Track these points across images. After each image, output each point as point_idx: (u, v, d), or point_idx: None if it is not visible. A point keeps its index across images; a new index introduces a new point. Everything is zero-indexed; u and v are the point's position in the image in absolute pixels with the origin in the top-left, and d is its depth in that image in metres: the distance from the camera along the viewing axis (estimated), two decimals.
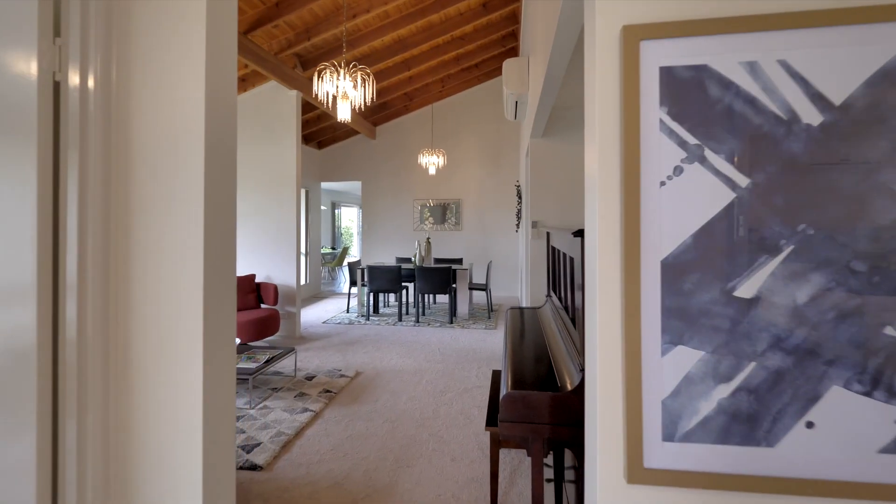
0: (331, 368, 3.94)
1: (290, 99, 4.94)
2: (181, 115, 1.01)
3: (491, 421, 1.89)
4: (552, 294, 2.77)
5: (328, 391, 3.40)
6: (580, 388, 1.45)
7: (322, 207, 12.52)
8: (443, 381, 3.66)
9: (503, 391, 1.57)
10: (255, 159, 5.08)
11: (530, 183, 3.78)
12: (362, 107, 2.98)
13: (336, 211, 14.20)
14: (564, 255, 2.19)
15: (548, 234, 2.94)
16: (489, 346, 4.71)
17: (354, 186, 10.97)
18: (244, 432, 2.73)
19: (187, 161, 1.01)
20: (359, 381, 3.65)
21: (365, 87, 2.97)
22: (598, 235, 0.86)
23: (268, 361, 3.32)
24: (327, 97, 2.85)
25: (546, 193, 3.75)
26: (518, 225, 6.38)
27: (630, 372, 0.83)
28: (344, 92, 2.87)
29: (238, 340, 3.64)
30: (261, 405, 3.14)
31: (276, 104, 4.98)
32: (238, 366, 3.20)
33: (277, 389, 3.44)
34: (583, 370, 1.46)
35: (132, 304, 1.02)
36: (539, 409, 1.48)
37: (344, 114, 2.90)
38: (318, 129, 7.43)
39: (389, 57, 5.49)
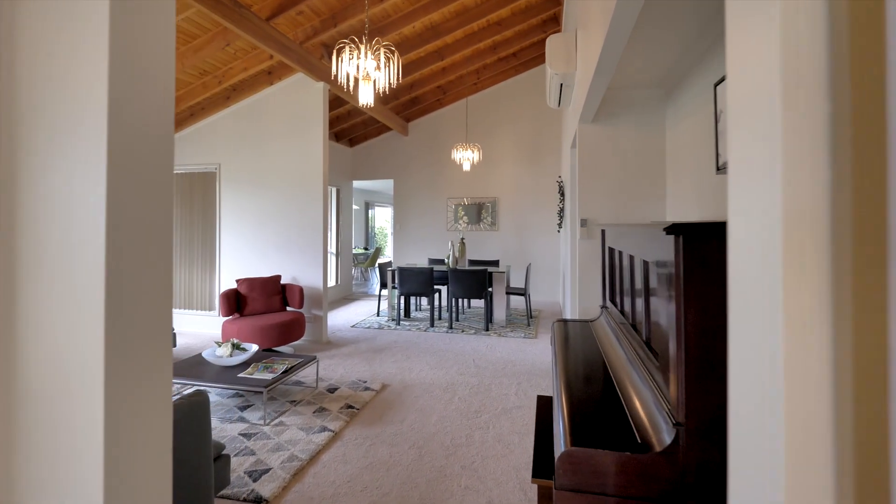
0: (355, 379, 3.63)
1: (316, 91, 4.70)
2: (77, 68, 0.67)
3: (540, 469, 1.47)
4: (609, 305, 2.31)
5: (350, 407, 3.08)
6: (672, 449, 1.02)
7: (354, 207, 12.43)
8: (478, 398, 3.26)
9: (560, 445, 1.16)
10: (281, 156, 4.87)
11: (578, 175, 3.31)
12: (387, 89, 2.64)
13: (370, 211, 14.09)
14: (631, 258, 1.74)
15: (602, 232, 2.48)
16: (529, 357, 4.26)
17: (388, 186, 10.76)
18: (254, 454, 2.45)
19: (87, 137, 0.67)
20: (384, 396, 3.31)
21: (389, 66, 2.63)
22: (783, 228, 0.44)
23: (285, 372, 3.04)
24: (348, 80, 2.52)
25: (597, 187, 3.26)
26: (560, 224, 5.88)
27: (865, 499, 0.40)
28: (366, 72, 2.54)
29: (256, 347, 3.39)
30: (276, 420, 2.86)
31: (303, 98, 4.75)
32: (253, 376, 2.94)
33: (296, 402, 3.15)
34: (678, 424, 1.02)
35: (15, 320, 0.70)
36: (611, 475, 1.06)
37: (366, 97, 2.56)
38: (349, 125, 7.21)
39: (421, 45, 5.15)
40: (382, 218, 15.62)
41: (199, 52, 3.82)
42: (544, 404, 2.10)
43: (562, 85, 3.68)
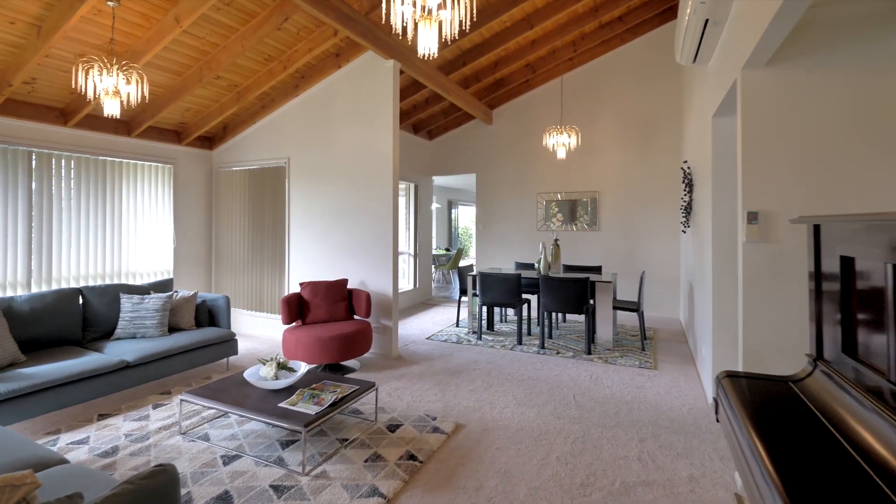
0: (423, 414, 2.93)
1: (386, 71, 4.12)
2: None
3: None
4: (837, 358, 1.30)
5: (412, 458, 2.37)
6: None
7: (436, 205, 11.95)
8: (583, 461, 2.35)
9: None
10: (348, 146, 4.38)
11: (742, 150, 2.23)
12: (456, 33, 1.89)
13: (453, 210, 13.55)
14: None
15: (815, 231, 1.46)
16: (650, 397, 3.21)
17: (472, 184, 10.06)
18: None
19: None
20: (457, 443, 2.56)
21: (458, 2, 1.87)
22: None
23: (333, 405, 2.44)
24: (403, 19, 1.81)
25: (778, 163, 2.15)
26: (686, 223, 4.63)
27: None
28: (426, 10, 1.82)
29: (305, 367, 2.84)
30: (319, 469, 2.25)
31: (373, 79, 4.21)
32: (295, 408, 2.37)
33: (348, 442, 2.53)
34: None
35: None
36: None
37: (427, 43, 1.84)
38: (427, 115, 6.62)
39: (506, 10, 4.31)
40: (467, 217, 15.01)
41: (257, 32, 3.42)
42: None
43: (706, 22, 2.61)
